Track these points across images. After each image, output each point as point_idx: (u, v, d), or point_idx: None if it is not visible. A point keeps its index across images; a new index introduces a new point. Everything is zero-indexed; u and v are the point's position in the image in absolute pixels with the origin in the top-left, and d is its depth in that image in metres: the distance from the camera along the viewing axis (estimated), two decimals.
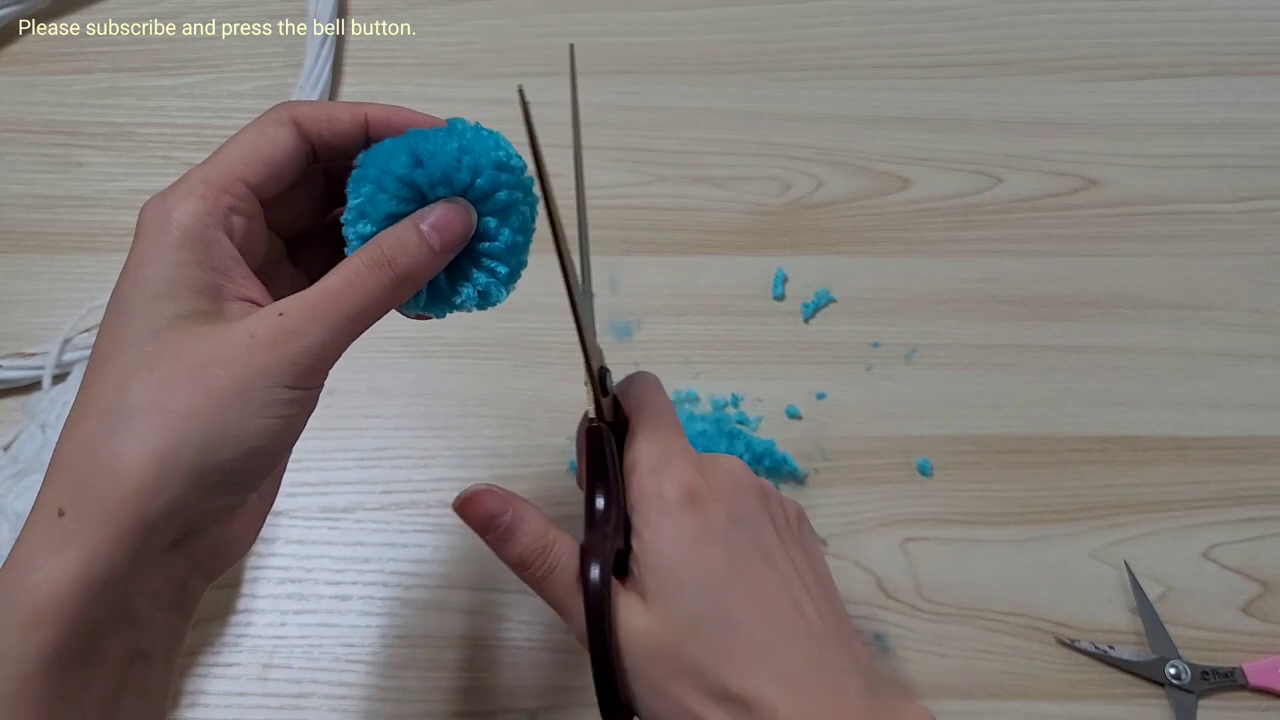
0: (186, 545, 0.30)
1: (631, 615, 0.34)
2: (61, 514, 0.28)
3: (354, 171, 0.33)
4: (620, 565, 0.35)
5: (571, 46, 0.34)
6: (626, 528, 0.35)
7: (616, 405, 0.38)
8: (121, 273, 0.31)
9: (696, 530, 0.34)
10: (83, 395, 0.30)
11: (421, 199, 0.33)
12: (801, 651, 0.33)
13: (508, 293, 0.35)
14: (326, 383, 0.31)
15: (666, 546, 0.34)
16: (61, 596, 0.27)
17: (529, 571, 0.35)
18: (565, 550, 0.35)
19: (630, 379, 0.39)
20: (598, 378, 0.36)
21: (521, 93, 0.29)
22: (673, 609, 0.33)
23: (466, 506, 0.36)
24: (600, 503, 0.35)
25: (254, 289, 0.32)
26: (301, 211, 0.36)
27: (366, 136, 0.34)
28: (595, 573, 0.34)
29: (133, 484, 0.28)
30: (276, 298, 0.31)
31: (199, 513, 0.30)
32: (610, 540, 0.35)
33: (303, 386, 0.30)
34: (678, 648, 0.33)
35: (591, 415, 0.37)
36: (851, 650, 0.35)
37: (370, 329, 0.32)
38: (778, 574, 0.35)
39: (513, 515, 0.35)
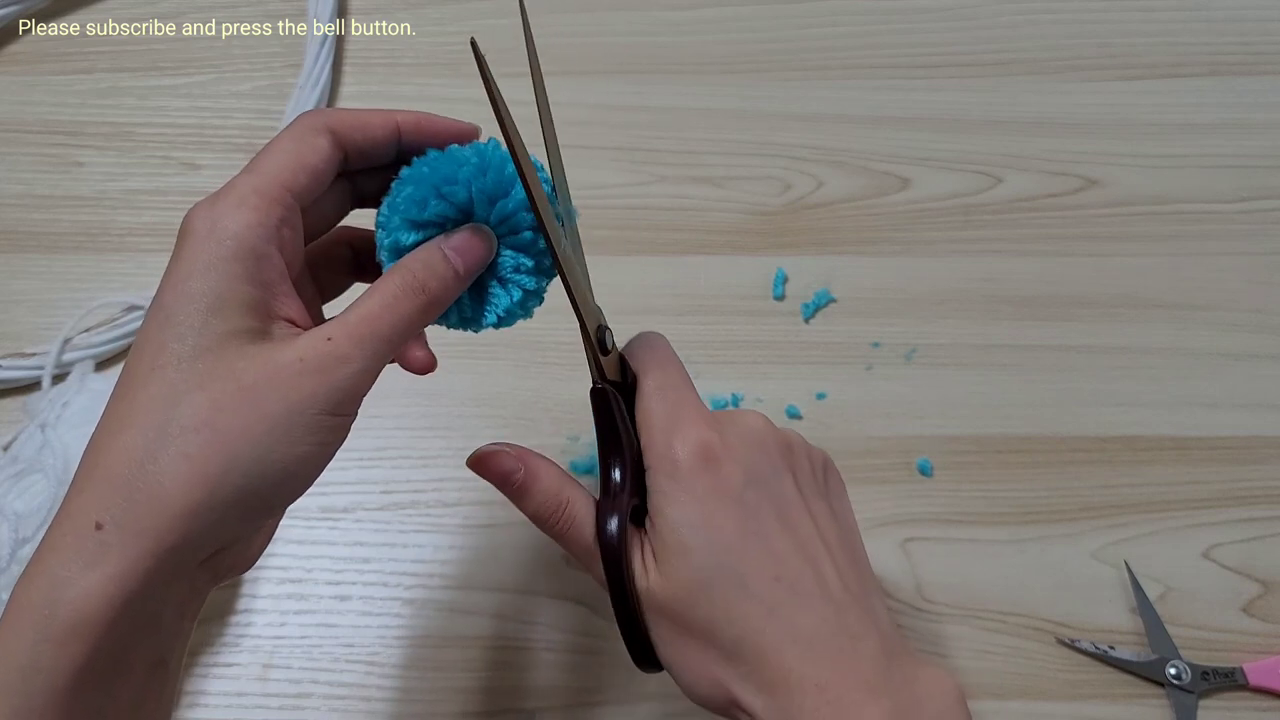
0: (213, 559, 0.30)
1: (645, 573, 0.34)
2: (99, 527, 0.27)
3: (390, 195, 0.34)
4: (638, 518, 0.35)
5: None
6: (643, 486, 0.35)
7: (625, 365, 0.37)
8: (166, 279, 0.30)
9: (708, 492, 0.34)
10: (122, 405, 0.29)
11: (452, 223, 0.34)
12: (815, 613, 0.33)
13: (528, 314, 0.36)
14: None
15: (675, 509, 0.34)
16: (97, 611, 0.27)
17: (547, 526, 0.36)
18: (582, 506, 0.36)
19: (636, 338, 0.38)
20: (595, 337, 0.36)
21: (474, 45, 0.29)
22: (681, 571, 0.33)
23: (480, 465, 0.36)
24: (614, 470, 0.35)
25: (295, 308, 0.32)
26: (324, 220, 0.35)
27: (399, 143, 0.34)
28: (611, 527, 0.34)
29: (179, 504, 0.28)
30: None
31: (234, 532, 0.30)
32: (626, 498, 0.35)
33: (343, 413, 0.30)
34: (688, 609, 0.33)
35: (595, 377, 0.36)
36: (871, 612, 0.34)
37: None
38: (794, 534, 0.34)
39: (526, 473, 0.36)
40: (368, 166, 0.35)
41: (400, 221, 0.33)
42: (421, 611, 0.50)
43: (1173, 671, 0.48)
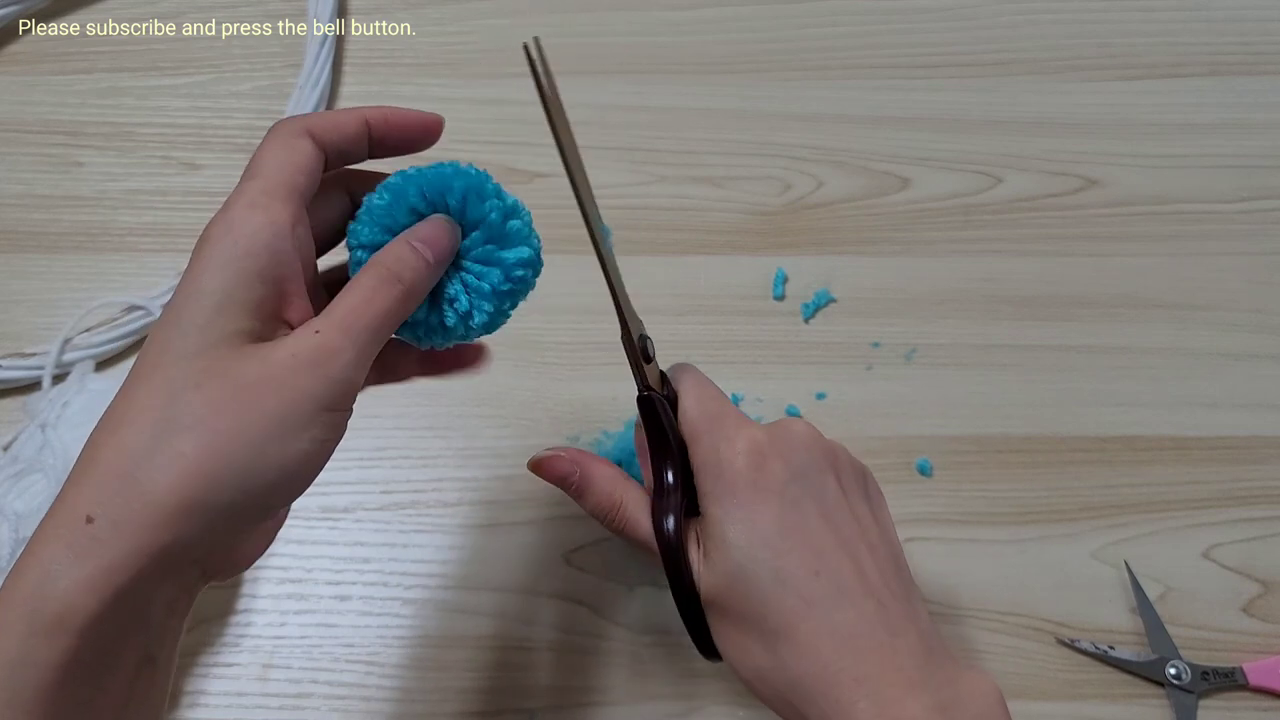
0: (206, 558, 0.30)
1: (698, 566, 0.36)
2: (90, 520, 0.27)
3: (365, 205, 0.35)
4: (691, 513, 0.37)
5: (536, 40, 0.36)
6: (691, 486, 0.37)
7: (665, 380, 0.39)
8: (181, 281, 0.31)
9: (751, 487, 0.35)
10: (124, 401, 0.29)
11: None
12: (855, 608, 0.34)
13: (503, 319, 0.37)
14: None
15: (719, 506, 0.35)
16: (85, 605, 0.27)
17: (605, 523, 0.38)
18: (635, 505, 0.38)
19: (673, 366, 0.40)
20: (639, 344, 0.37)
21: (527, 49, 0.31)
22: (723, 564, 0.35)
23: (539, 468, 0.39)
24: (666, 471, 0.37)
25: (304, 311, 0.32)
26: (329, 229, 0.36)
27: (369, 137, 0.35)
28: (668, 526, 0.36)
29: (171, 502, 0.28)
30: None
31: (226, 533, 0.30)
32: (679, 496, 0.37)
33: (339, 408, 0.31)
34: (731, 601, 0.34)
35: (640, 385, 0.38)
36: (912, 612, 0.35)
37: None
38: (836, 530, 0.35)
39: (581, 476, 0.38)
40: (347, 165, 0.35)
41: (363, 245, 0.35)
42: (421, 611, 0.50)
43: (1173, 671, 0.48)
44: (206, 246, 0.31)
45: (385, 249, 0.33)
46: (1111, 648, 0.49)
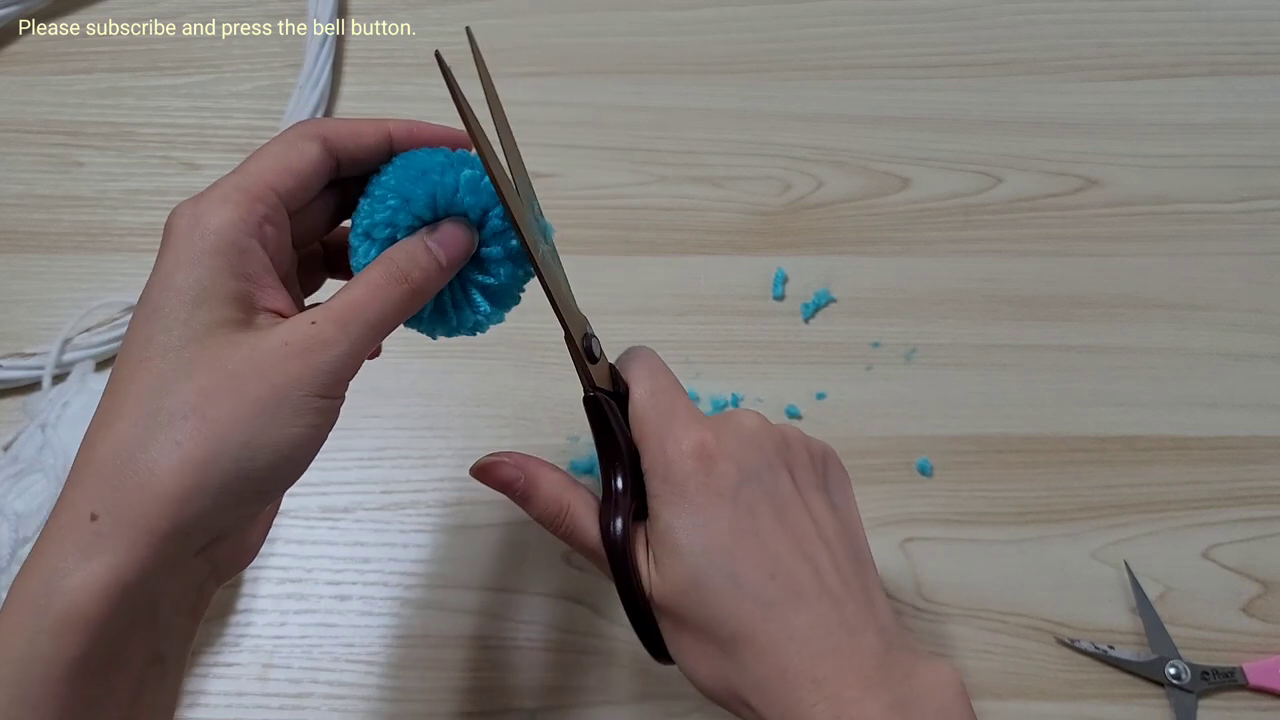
0: (210, 550, 0.31)
1: (649, 572, 0.35)
2: (94, 518, 0.28)
3: (371, 188, 0.34)
4: (640, 517, 0.36)
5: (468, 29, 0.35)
6: (642, 488, 0.36)
7: (615, 375, 0.38)
8: (153, 276, 0.31)
9: (701, 491, 0.34)
10: (113, 398, 0.30)
11: (428, 222, 0.34)
12: (811, 609, 0.33)
13: (502, 317, 0.37)
14: None
15: (668, 511, 0.34)
16: (92, 602, 0.27)
17: (552, 529, 0.37)
18: (583, 511, 0.36)
19: (625, 352, 0.39)
20: (581, 344, 0.36)
21: (439, 57, 0.30)
22: (676, 571, 0.34)
23: (482, 474, 0.37)
24: (615, 475, 0.36)
25: (282, 300, 0.32)
26: (315, 226, 0.36)
27: (390, 150, 0.35)
28: (614, 530, 0.35)
29: (171, 490, 0.28)
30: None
31: (228, 520, 0.30)
32: (628, 500, 0.35)
33: (330, 395, 0.31)
34: (684, 608, 0.34)
35: (585, 386, 0.37)
36: (870, 605, 0.34)
37: None
38: (790, 530, 0.34)
39: (526, 481, 0.37)
40: (361, 174, 0.35)
41: (363, 236, 0.34)
42: (422, 611, 0.50)
43: (1172, 671, 0.48)
44: (174, 237, 0.31)
45: (400, 244, 0.33)
46: (1111, 647, 0.49)
